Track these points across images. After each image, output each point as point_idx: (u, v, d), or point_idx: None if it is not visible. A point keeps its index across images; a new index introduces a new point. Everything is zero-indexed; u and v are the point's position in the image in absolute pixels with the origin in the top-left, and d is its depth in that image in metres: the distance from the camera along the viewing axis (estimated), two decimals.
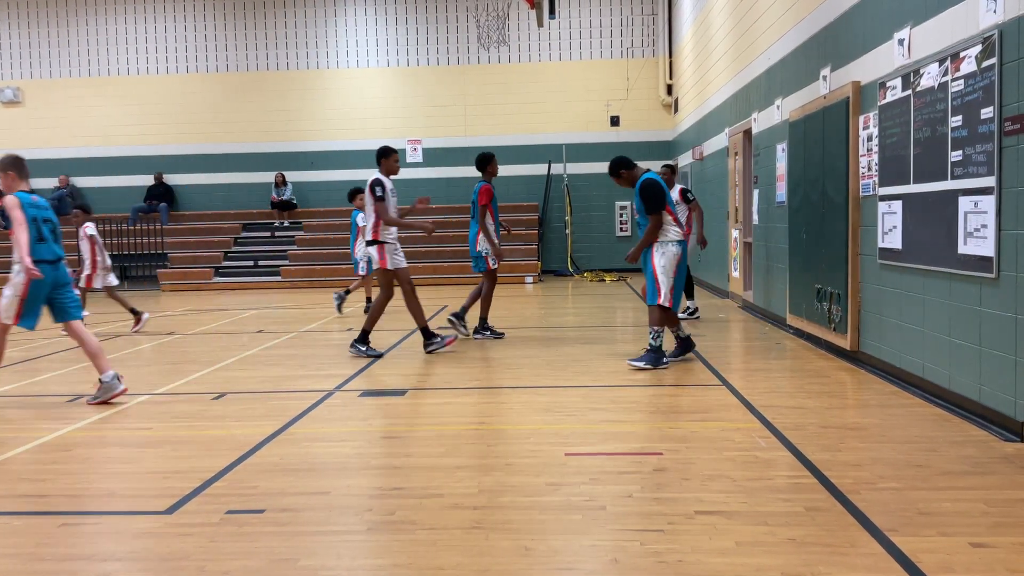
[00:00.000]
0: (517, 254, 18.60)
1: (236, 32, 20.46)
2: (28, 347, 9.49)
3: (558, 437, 5.14)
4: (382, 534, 3.65)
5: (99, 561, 3.42)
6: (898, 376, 6.48)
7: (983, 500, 3.83)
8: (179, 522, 3.81)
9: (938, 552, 3.26)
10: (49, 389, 7.15)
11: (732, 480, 4.20)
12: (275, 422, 5.66)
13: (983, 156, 5.09)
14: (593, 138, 19.95)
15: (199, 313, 13.42)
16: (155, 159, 20.51)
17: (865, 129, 7.09)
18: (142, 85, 20.58)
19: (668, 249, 7.34)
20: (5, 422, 5.98)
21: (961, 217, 5.38)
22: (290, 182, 20.19)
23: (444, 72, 20.29)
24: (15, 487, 4.43)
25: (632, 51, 19.97)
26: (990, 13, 5.02)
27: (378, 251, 8.26)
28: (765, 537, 3.46)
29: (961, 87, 5.36)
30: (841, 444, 4.83)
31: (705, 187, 15.27)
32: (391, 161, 8.42)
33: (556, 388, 6.74)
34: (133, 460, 4.94)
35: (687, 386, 6.68)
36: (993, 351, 5.08)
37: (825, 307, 7.94)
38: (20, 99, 20.69)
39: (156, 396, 6.71)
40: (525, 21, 19.52)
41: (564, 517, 3.76)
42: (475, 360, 8.12)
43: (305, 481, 4.39)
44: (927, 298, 6.00)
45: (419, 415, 5.92)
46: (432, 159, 20.33)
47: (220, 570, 3.28)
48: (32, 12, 20.63)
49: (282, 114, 20.44)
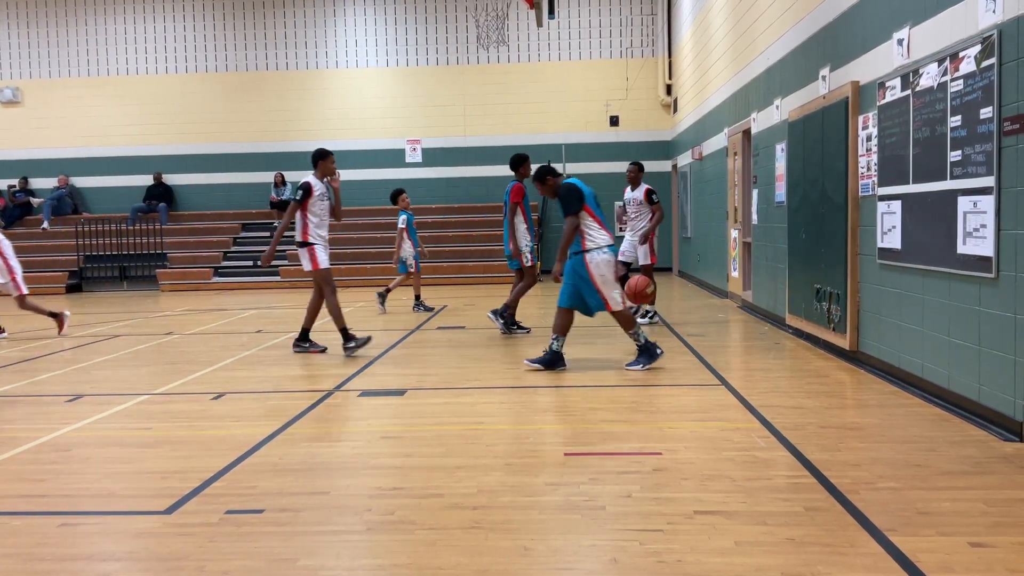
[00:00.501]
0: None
1: (235, 32, 20.45)
2: (27, 347, 9.48)
3: (557, 437, 5.14)
4: (381, 534, 3.65)
5: (98, 561, 3.41)
6: (897, 376, 6.48)
7: (982, 500, 3.84)
8: (178, 522, 3.81)
9: (937, 552, 3.27)
10: (48, 389, 7.15)
11: (731, 480, 4.20)
12: (274, 422, 5.66)
13: (982, 156, 5.09)
14: (592, 138, 19.95)
15: (198, 313, 13.42)
16: (154, 159, 20.51)
17: (864, 129, 7.09)
18: (141, 85, 20.58)
19: (599, 257, 7.15)
20: (4, 422, 5.98)
21: (960, 217, 5.38)
22: (289, 182, 20.18)
23: (443, 72, 20.29)
24: (14, 487, 4.43)
25: (631, 51, 19.97)
26: (989, 13, 5.02)
27: (308, 252, 8.39)
28: (764, 537, 3.46)
29: (960, 87, 5.36)
30: (840, 444, 4.83)
31: (704, 187, 15.28)
32: (328, 163, 8.53)
33: (555, 388, 6.73)
34: (132, 460, 4.94)
35: (686, 386, 6.68)
36: (992, 351, 5.08)
37: (824, 307, 7.94)
38: (19, 99, 20.69)
39: (155, 396, 6.71)
40: (524, 21, 19.52)
41: (563, 517, 3.76)
42: (474, 360, 8.12)
43: (304, 481, 4.39)
44: (926, 298, 6.00)
45: (418, 415, 5.92)
46: (431, 159, 20.33)
47: (219, 570, 3.28)
48: (31, 12, 20.62)
49: (281, 114, 20.44)
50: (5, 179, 20.85)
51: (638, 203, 10.18)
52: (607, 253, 7.22)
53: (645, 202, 10.10)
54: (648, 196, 10.08)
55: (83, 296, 17.51)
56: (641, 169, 10.31)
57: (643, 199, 10.11)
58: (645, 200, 10.10)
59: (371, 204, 20.31)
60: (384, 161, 20.37)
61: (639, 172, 10.20)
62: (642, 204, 10.14)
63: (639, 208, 10.19)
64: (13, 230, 20.17)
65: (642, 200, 10.12)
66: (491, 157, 20.17)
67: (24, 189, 20.65)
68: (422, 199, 20.24)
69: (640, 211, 10.19)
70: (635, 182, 10.19)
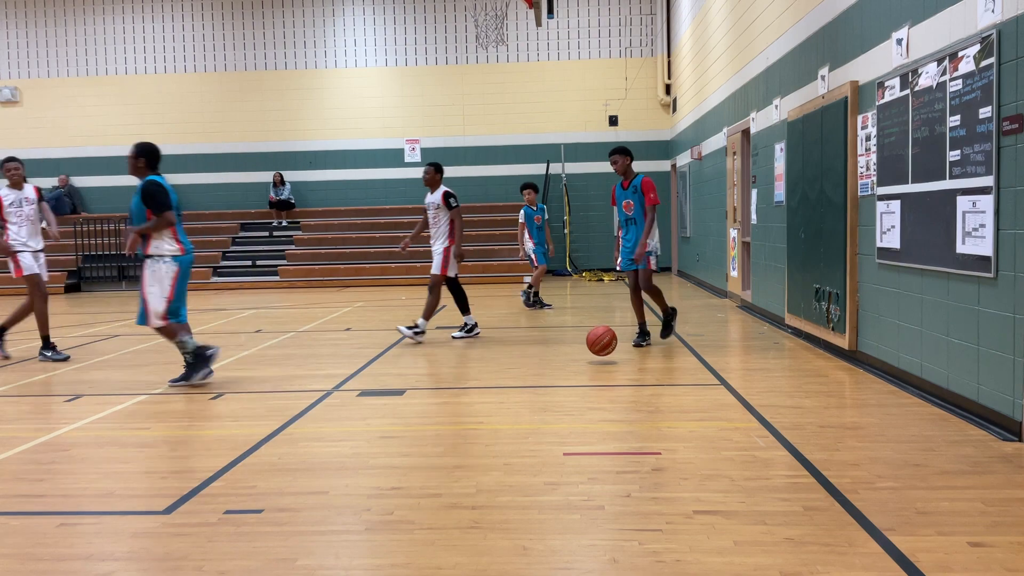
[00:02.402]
0: (515, 254, 18.59)
1: (234, 32, 20.45)
2: (27, 347, 9.47)
3: (556, 437, 5.14)
4: (380, 534, 3.65)
5: (97, 561, 3.41)
6: (896, 376, 6.48)
7: (981, 499, 3.84)
8: (177, 522, 3.80)
9: (936, 551, 3.27)
10: (47, 389, 7.14)
11: (730, 480, 4.20)
12: (273, 422, 5.65)
13: (981, 156, 5.09)
14: (591, 138, 19.95)
15: (197, 313, 13.41)
16: None
17: (863, 129, 7.09)
18: (140, 84, 20.57)
19: (160, 266, 6.85)
20: (3, 421, 5.97)
21: (959, 217, 5.38)
22: (288, 182, 20.19)
23: (442, 72, 20.29)
24: (12, 487, 4.43)
25: (630, 51, 19.98)
26: (988, 13, 5.02)
27: (12, 260, 8.50)
28: (763, 536, 3.46)
29: (959, 87, 5.36)
30: (839, 443, 4.84)
31: (703, 187, 15.28)
32: (6, 170, 8.71)
33: (554, 388, 6.73)
34: (131, 460, 4.94)
35: (685, 385, 6.68)
36: (991, 350, 5.08)
37: (823, 307, 7.94)
38: (18, 98, 20.67)
39: (154, 396, 6.70)
40: (523, 20, 19.53)
41: (562, 517, 3.76)
42: (473, 360, 8.12)
43: (303, 481, 4.39)
44: (925, 298, 6.00)
45: (417, 415, 5.92)
46: (430, 159, 20.28)
47: (218, 570, 3.28)
48: (30, 11, 20.61)
49: (280, 114, 20.44)
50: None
51: (435, 207, 9.33)
52: (170, 263, 6.89)
53: (443, 206, 9.27)
54: (445, 200, 9.24)
55: (82, 296, 17.50)
56: (438, 171, 9.43)
57: (440, 203, 9.29)
58: (443, 204, 9.27)
59: (369, 204, 20.33)
60: (383, 161, 20.37)
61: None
62: (440, 208, 9.30)
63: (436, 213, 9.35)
64: None
65: (439, 204, 9.30)
66: (490, 157, 20.18)
67: None
68: (421, 199, 20.10)
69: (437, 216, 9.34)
70: (433, 184, 9.35)
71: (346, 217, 20.14)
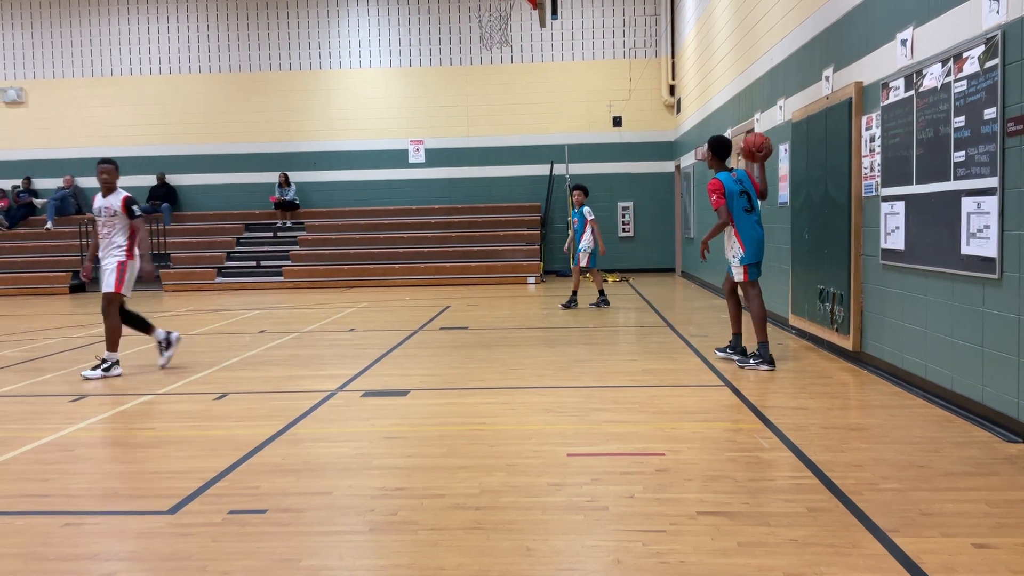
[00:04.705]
0: (519, 254, 18.62)
1: (239, 33, 20.48)
2: (31, 347, 9.50)
3: (560, 437, 5.14)
4: (384, 534, 3.65)
5: (101, 561, 3.42)
6: (900, 377, 6.47)
7: (985, 501, 3.83)
8: (181, 522, 3.81)
9: (940, 553, 3.26)
10: (51, 389, 7.16)
11: (734, 481, 4.20)
12: (277, 422, 5.66)
13: (986, 157, 5.08)
14: (595, 138, 19.95)
15: (201, 313, 13.43)
16: (158, 159, 20.54)
17: (868, 130, 7.08)
18: (145, 85, 20.61)
19: None
20: (8, 422, 5.99)
21: (964, 218, 5.37)
22: (293, 182, 20.20)
23: (446, 72, 20.30)
24: (17, 487, 4.44)
25: (635, 51, 19.97)
26: (993, 13, 5.02)
27: None
28: (767, 538, 3.45)
29: (964, 87, 5.35)
30: (843, 445, 4.83)
31: (706, 188, 15.25)
32: None
33: (558, 388, 6.73)
34: (135, 460, 4.95)
35: (689, 386, 6.68)
36: (996, 352, 5.08)
37: (827, 308, 7.93)
38: (23, 99, 20.73)
39: (158, 396, 6.72)
40: (527, 21, 19.53)
41: (566, 517, 3.76)
42: (477, 360, 8.12)
43: (307, 481, 4.39)
44: (930, 299, 5.99)
45: (421, 415, 5.92)
46: (434, 160, 20.34)
47: (222, 570, 3.28)
48: (35, 13, 20.66)
49: (284, 114, 20.46)
50: (9, 179, 20.90)
51: (111, 212, 7.79)
52: None
53: (123, 212, 7.79)
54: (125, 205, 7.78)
55: (86, 296, 17.53)
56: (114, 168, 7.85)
57: (120, 208, 7.78)
58: (123, 210, 7.79)
59: (374, 205, 20.33)
60: (387, 162, 20.39)
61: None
62: (118, 214, 7.80)
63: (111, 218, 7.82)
64: (17, 230, 20.26)
65: (118, 210, 7.79)
66: (494, 158, 20.19)
67: (28, 189, 20.70)
68: (425, 200, 20.27)
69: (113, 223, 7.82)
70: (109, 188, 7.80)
71: (350, 218, 20.15)
